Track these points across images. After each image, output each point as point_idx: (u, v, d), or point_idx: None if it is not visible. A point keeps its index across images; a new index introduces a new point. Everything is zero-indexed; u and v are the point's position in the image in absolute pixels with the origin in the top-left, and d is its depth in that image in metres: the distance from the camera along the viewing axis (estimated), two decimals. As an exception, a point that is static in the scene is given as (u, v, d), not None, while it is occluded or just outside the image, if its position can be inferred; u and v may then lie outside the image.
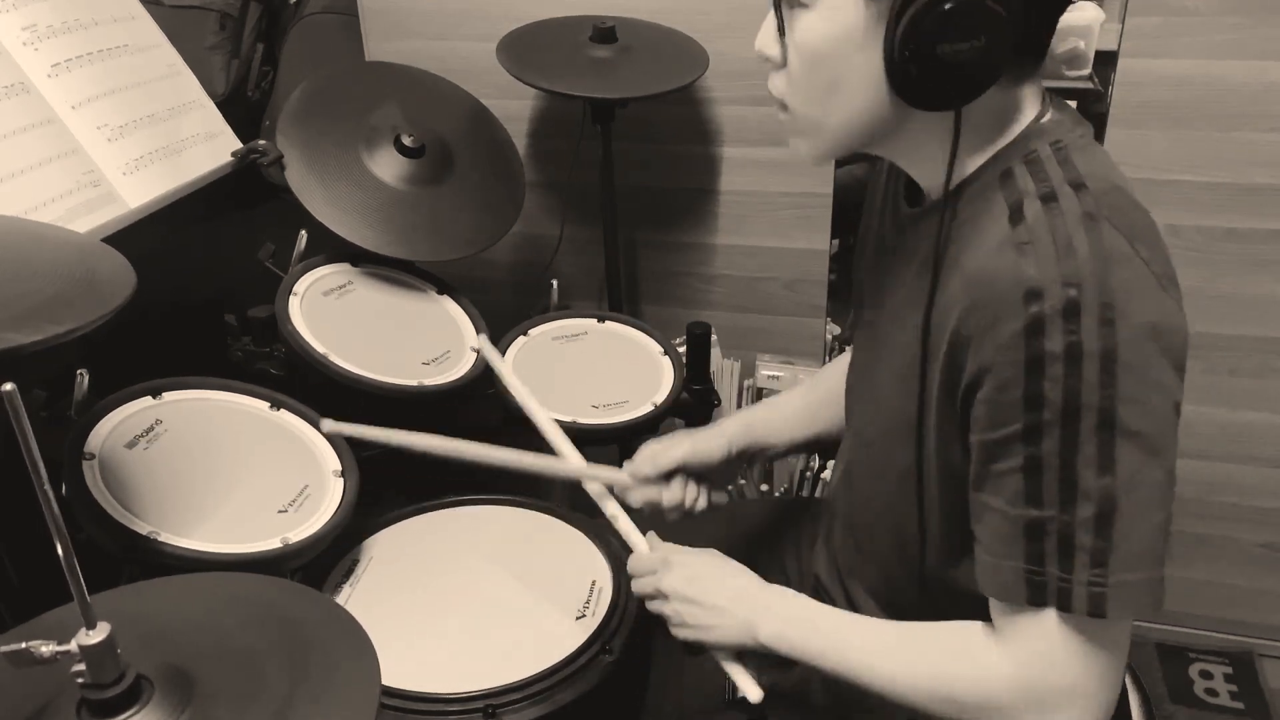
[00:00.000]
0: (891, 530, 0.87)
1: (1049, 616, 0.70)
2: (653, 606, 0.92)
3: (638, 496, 1.02)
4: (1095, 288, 0.65)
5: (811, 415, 1.11)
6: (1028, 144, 0.73)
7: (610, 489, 1.01)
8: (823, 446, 1.13)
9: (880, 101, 0.72)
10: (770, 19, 0.77)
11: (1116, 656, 0.71)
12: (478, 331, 1.36)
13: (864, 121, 0.75)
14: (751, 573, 0.89)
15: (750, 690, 0.87)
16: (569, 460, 1.02)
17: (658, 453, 1.02)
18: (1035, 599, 0.70)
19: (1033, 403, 0.66)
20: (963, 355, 0.70)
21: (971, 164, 0.75)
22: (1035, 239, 0.67)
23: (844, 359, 1.12)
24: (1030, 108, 0.75)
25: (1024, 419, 0.67)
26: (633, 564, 0.93)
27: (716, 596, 0.87)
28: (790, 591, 0.87)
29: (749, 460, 1.09)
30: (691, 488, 1.04)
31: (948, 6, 0.65)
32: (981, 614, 0.77)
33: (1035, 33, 0.72)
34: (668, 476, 1.02)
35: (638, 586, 0.92)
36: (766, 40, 0.77)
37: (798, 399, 1.13)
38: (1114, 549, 0.67)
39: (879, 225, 0.92)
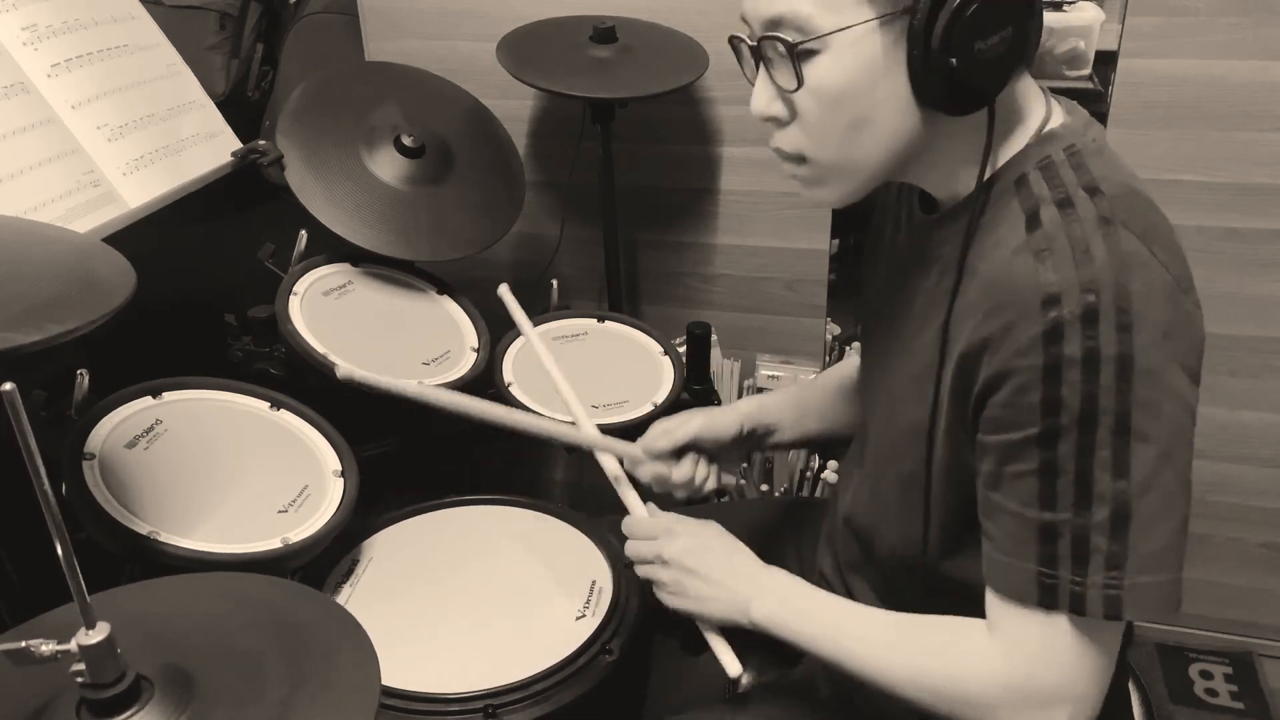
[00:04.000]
0: (896, 532, 0.87)
1: (1058, 619, 0.70)
2: (645, 571, 0.92)
3: (648, 471, 1.02)
4: (1112, 293, 0.65)
5: (819, 410, 1.11)
6: (1042, 150, 0.73)
7: (620, 462, 1.00)
8: (825, 442, 1.13)
9: (912, 122, 0.72)
10: (763, 80, 0.75)
11: (1106, 660, 0.71)
12: (478, 334, 1.36)
13: (898, 147, 0.74)
14: (751, 552, 0.89)
15: (731, 665, 0.87)
16: (583, 429, 1.02)
17: (671, 428, 1.02)
18: (1046, 601, 0.70)
19: (1050, 407, 0.66)
20: (978, 360, 0.70)
21: (986, 169, 0.75)
22: (1053, 245, 0.67)
23: (847, 364, 1.12)
24: (1036, 106, 0.75)
25: (1041, 423, 0.67)
26: (630, 526, 0.92)
27: (716, 570, 0.87)
28: (789, 575, 0.87)
29: (758, 442, 1.09)
30: (702, 466, 1.03)
31: (976, 6, 0.65)
32: (983, 610, 0.77)
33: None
34: (679, 453, 1.02)
35: (633, 549, 0.92)
36: (764, 101, 0.76)
37: (806, 392, 1.14)
38: (1129, 552, 0.67)
39: (891, 233, 0.91)
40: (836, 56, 0.70)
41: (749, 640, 0.89)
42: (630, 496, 0.94)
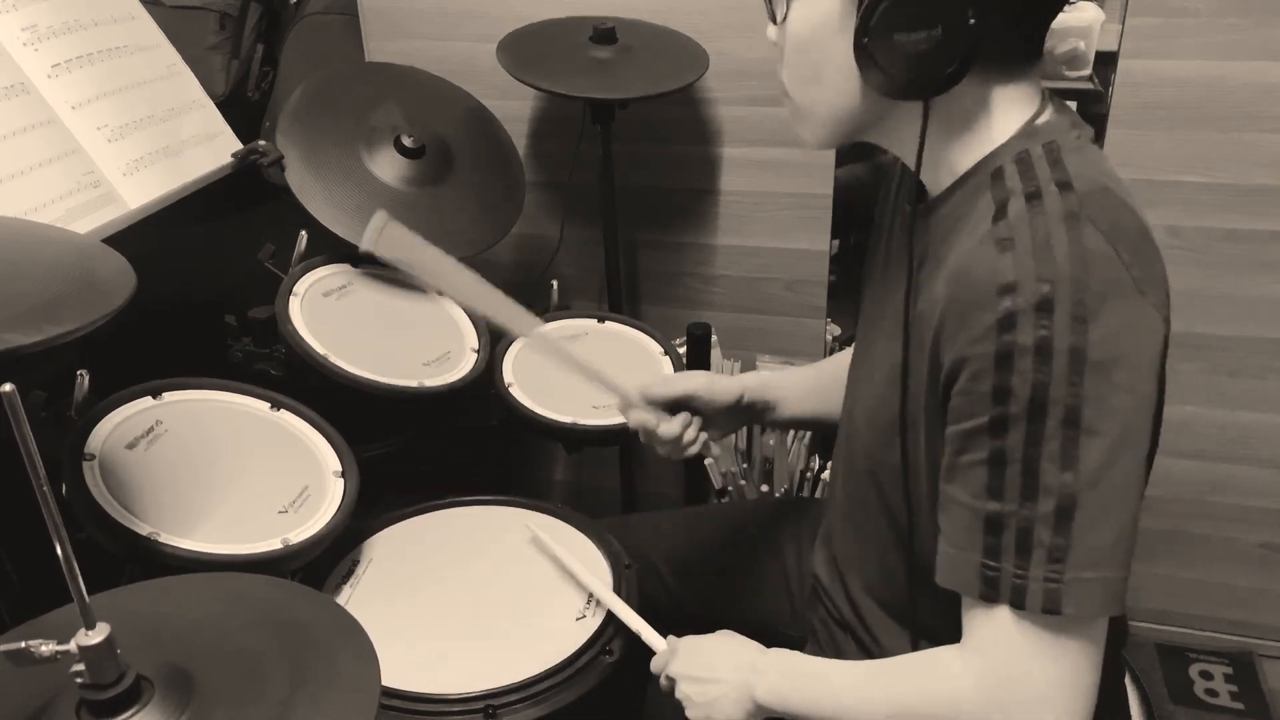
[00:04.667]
0: (887, 524, 0.88)
1: (1003, 614, 0.70)
2: (670, 691, 0.92)
3: (636, 416, 1.02)
4: (1070, 286, 0.65)
5: (820, 392, 1.11)
6: (1021, 144, 0.74)
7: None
8: (823, 428, 1.13)
9: (856, 90, 0.75)
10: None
11: (1086, 663, 0.70)
12: (478, 335, 1.36)
13: (845, 109, 0.77)
14: (755, 644, 0.89)
15: None
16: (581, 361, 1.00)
17: (672, 378, 1.04)
18: (989, 594, 0.70)
19: (1000, 395, 0.67)
20: (942, 349, 0.71)
21: (965, 162, 0.76)
22: (1015, 235, 0.68)
23: (849, 352, 1.12)
24: (1024, 108, 0.75)
25: (991, 411, 0.67)
26: (654, 665, 0.93)
27: (714, 669, 0.87)
28: (784, 650, 0.87)
29: (755, 416, 1.10)
30: (692, 428, 1.03)
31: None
32: None
33: (1022, 32, 0.73)
34: (674, 409, 1.02)
35: (662, 683, 0.93)
36: (772, 30, 0.81)
37: (809, 374, 1.14)
38: (1072, 546, 0.67)
39: (888, 225, 0.93)
40: (806, 6, 0.75)
41: None
42: (652, 637, 0.95)
